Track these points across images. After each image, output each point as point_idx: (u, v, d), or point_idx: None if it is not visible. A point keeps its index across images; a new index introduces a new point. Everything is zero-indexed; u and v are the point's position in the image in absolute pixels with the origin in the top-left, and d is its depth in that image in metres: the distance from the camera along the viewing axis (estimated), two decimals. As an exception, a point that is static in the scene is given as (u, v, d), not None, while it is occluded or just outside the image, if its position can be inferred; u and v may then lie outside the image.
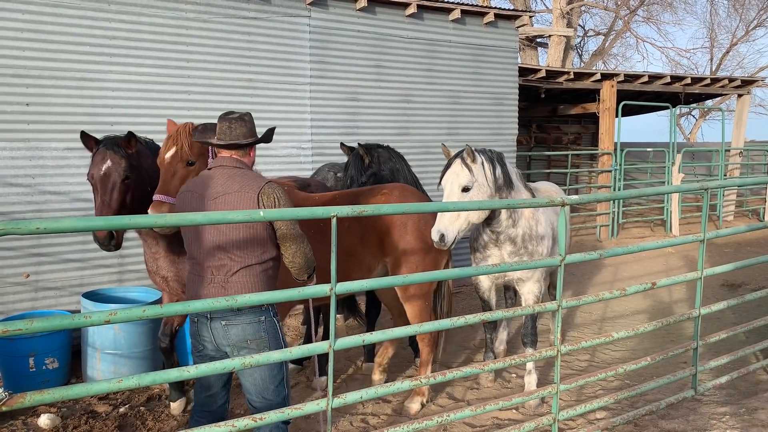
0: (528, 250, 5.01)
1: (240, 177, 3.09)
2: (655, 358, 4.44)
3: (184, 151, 3.84)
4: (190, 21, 6.52)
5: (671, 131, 13.59)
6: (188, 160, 3.86)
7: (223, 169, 3.14)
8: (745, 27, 29.32)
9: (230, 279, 3.00)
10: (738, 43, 30.13)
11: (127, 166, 4.09)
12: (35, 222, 2.22)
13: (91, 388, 2.39)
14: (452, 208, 3.68)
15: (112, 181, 4.06)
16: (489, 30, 8.72)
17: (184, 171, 3.85)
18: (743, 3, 27.31)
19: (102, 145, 4.19)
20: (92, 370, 5.35)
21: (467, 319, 3.47)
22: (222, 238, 2.99)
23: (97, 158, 4.14)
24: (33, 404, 2.29)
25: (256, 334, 3.02)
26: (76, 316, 2.36)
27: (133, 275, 6.26)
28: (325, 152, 7.40)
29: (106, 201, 4.03)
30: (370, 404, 4.95)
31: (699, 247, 4.64)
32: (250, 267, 3.02)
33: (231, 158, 3.19)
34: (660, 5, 24.75)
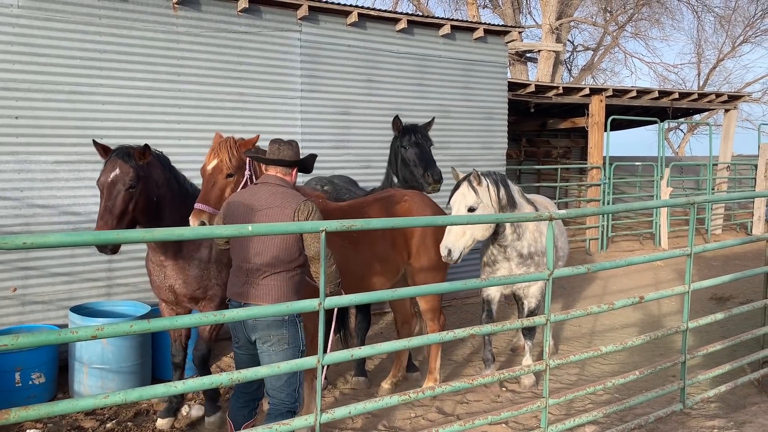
0: (534, 261, 5.41)
1: (282, 194, 3.56)
2: (644, 371, 4.46)
3: (225, 164, 4.04)
4: (181, 35, 6.54)
5: (659, 145, 13.71)
6: (228, 173, 4.07)
7: (268, 186, 3.61)
8: (732, 43, 29.72)
9: (261, 282, 3.46)
10: (725, 59, 30.51)
11: (134, 176, 4.17)
12: (22, 237, 2.21)
13: (77, 404, 2.37)
14: (440, 223, 3.69)
15: (117, 189, 4.13)
16: (479, 45, 8.80)
17: (224, 182, 4.06)
18: (729, 19, 27.70)
19: (114, 153, 4.25)
20: (79, 385, 5.30)
21: (456, 333, 3.48)
22: (260, 246, 3.45)
23: (108, 166, 4.22)
24: (18, 420, 2.27)
25: (279, 330, 3.43)
26: (63, 331, 2.35)
27: (122, 289, 6.23)
28: (316, 165, 7.36)
29: (109, 207, 4.09)
30: (360, 418, 4.93)
31: (686, 261, 4.68)
32: (279, 273, 3.48)
33: (276, 176, 3.67)
34: (648, 21, 25.05)
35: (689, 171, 16.93)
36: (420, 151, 5.52)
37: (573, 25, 23.61)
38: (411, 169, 5.55)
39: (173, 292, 4.65)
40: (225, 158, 4.03)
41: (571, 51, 26.61)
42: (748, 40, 29.84)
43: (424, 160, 5.50)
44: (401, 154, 5.60)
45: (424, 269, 5.12)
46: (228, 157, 4.04)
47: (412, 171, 5.54)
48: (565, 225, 13.91)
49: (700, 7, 26.11)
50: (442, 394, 5.30)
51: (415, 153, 5.52)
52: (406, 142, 5.57)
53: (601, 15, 24.32)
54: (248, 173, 4.10)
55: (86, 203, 6.04)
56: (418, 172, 5.48)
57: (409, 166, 5.58)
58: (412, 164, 5.54)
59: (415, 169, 5.51)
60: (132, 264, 6.18)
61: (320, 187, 5.91)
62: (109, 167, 4.20)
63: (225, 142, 4.11)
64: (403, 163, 5.62)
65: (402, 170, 5.63)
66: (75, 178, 6.01)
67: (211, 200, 3.97)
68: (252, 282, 3.48)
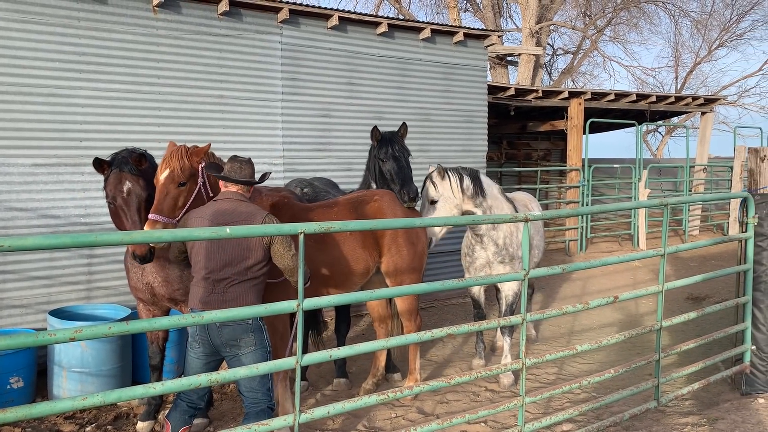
0: (509, 252, 5.77)
1: (245, 208, 3.75)
2: (618, 370, 4.54)
3: (177, 173, 4.06)
4: (161, 38, 6.54)
5: (638, 148, 13.91)
6: (180, 182, 4.08)
7: (231, 202, 3.77)
8: (708, 47, 30.21)
9: (228, 290, 3.61)
10: (701, 63, 31.00)
11: (146, 184, 4.28)
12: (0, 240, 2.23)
13: (55, 406, 2.38)
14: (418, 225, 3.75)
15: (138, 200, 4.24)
16: (459, 49, 8.88)
17: (176, 191, 4.08)
18: (705, 24, 28.15)
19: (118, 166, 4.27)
20: (58, 389, 5.27)
21: (434, 333, 3.53)
22: (225, 256, 3.60)
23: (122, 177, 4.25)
24: (-5, 423, 2.28)
25: (244, 334, 3.56)
26: (41, 334, 2.36)
27: (102, 292, 6.20)
28: (297, 168, 7.45)
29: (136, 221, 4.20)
30: (340, 419, 4.97)
31: (668, 260, 4.77)
32: (245, 281, 3.63)
33: (237, 192, 3.85)
34: (626, 25, 25.39)
35: (667, 173, 17.18)
36: (398, 166, 5.53)
37: (553, 29, 23.85)
38: (388, 183, 5.59)
39: (151, 291, 4.62)
40: (176, 167, 4.05)
41: (551, 54, 26.87)
42: (724, 44, 30.37)
43: (401, 176, 5.51)
44: (379, 165, 5.62)
45: (399, 269, 5.15)
46: (179, 166, 4.06)
47: (389, 185, 5.57)
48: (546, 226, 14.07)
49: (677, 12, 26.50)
50: (422, 394, 5.36)
51: (392, 168, 5.52)
52: (383, 154, 5.57)
53: (580, 19, 24.61)
54: (201, 181, 4.16)
55: (65, 206, 6.01)
56: (395, 188, 5.50)
57: (386, 179, 5.61)
58: (389, 178, 5.57)
59: (393, 184, 5.54)
60: (112, 267, 6.17)
61: (300, 189, 5.94)
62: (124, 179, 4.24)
63: (176, 151, 4.13)
64: (380, 174, 5.65)
65: (380, 180, 5.68)
66: (54, 181, 5.98)
67: (165, 210, 4.00)
68: (218, 291, 3.62)
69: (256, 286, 3.72)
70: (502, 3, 21.90)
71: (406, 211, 5.27)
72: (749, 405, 4.94)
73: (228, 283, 3.61)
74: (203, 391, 3.77)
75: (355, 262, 4.90)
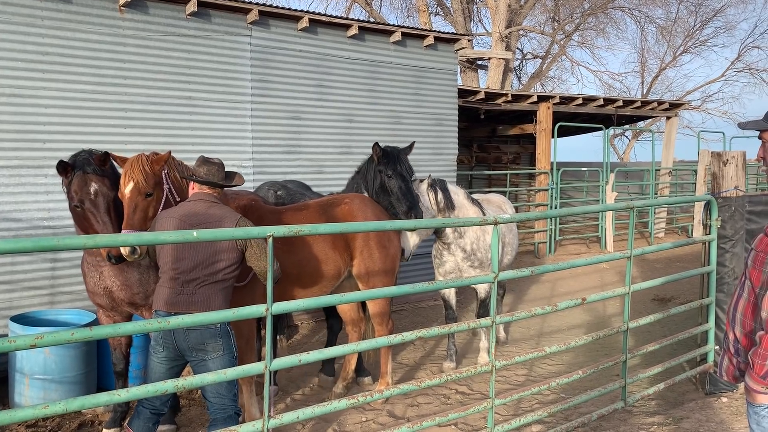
0: (478, 257, 6.01)
1: (219, 209, 3.69)
2: (586, 371, 4.59)
3: (141, 185, 3.96)
4: (128, 38, 6.43)
5: (605, 151, 14.13)
6: (146, 192, 3.99)
7: (203, 203, 3.70)
8: (673, 53, 30.90)
9: (197, 291, 3.53)
10: (666, 68, 31.71)
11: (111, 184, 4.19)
12: (-44, 244, 2.16)
13: (15, 414, 2.31)
14: (389, 228, 3.74)
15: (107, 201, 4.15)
16: (429, 52, 8.92)
17: (145, 203, 3.98)
18: (670, 30, 28.78)
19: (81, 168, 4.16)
20: (20, 397, 5.14)
21: (404, 337, 3.52)
22: (197, 257, 3.52)
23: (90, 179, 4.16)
24: (-49, 433, 2.21)
25: (212, 338, 3.48)
26: (0, 341, 2.29)
27: (66, 297, 6.07)
28: (267, 170, 7.39)
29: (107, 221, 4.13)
30: (310, 424, 4.93)
31: (626, 263, 4.85)
32: (215, 283, 3.57)
33: (210, 194, 3.79)
34: (594, 30, 25.81)
35: (633, 176, 17.49)
36: (406, 187, 5.50)
37: (522, 34, 24.12)
38: (392, 201, 5.50)
39: (110, 296, 4.50)
40: (140, 179, 3.95)
41: (521, 59, 27.16)
42: (688, 51, 31.13)
43: (410, 198, 5.47)
44: (383, 180, 5.51)
45: (371, 272, 5.14)
46: (143, 177, 3.97)
47: (393, 203, 5.49)
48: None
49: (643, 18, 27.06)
50: (393, 397, 5.35)
51: (399, 187, 5.46)
52: (391, 170, 5.47)
53: (549, 24, 24.94)
54: (167, 188, 4.09)
55: (27, 209, 5.87)
56: (400, 207, 5.44)
57: (390, 196, 5.51)
58: (394, 197, 5.47)
59: (398, 203, 5.46)
60: (76, 271, 6.01)
61: (273, 191, 5.90)
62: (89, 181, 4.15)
63: (136, 161, 4.01)
64: (382, 189, 5.53)
65: (380, 195, 5.55)
66: (15, 184, 5.83)
67: (136, 224, 3.92)
68: (186, 292, 3.54)
69: (225, 289, 3.67)
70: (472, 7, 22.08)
71: (377, 214, 5.25)
72: (713, 404, 5.04)
73: (197, 284, 3.54)
74: (167, 397, 3.68)
75: (325, 265, 4.88)
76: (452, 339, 6.35)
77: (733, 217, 5.24)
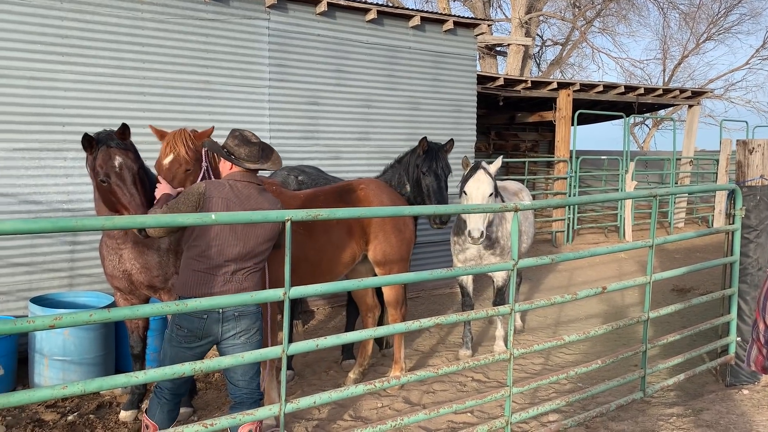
0: (500, 244, 5.94)
1: (266, 197, 3.59)
2: (605, 360, 4.54)
3: (183, 158, 3.91)
4: (146, 21, 6.41)
5: (625, 140, 13.94)
6: (186, 167, 3.94)
7: (253, 187, 3.56)
8: (696, 40, 30.36)
9: (247, 278, 3.48)
10: (689, 56, 31.18)
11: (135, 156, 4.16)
12: (-24, 224, 2.16)
13: (35, 394, 2.32)
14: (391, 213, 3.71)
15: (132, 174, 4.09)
16: (448, 37, 8.81)
17: (182, 176, 3.93)
18: (694, 17, 28.27)
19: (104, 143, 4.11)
20: (39, 378, 5.19)
21: (422, 323, 3.49)
22: (248, 246, 3.43)
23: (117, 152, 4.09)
24: (-29, 412, 2.22)
25: (256, 323, 3.50)
26: (19, 321, 2.29)
27: (85, 279, 6.11)
28: (285, 155, 7.34)
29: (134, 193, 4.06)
30: (327, 409, 4.94)
31: (648, 253, 4.77)
32: (258, 272, 3.56)
33: (253, 175, 3.62)
34: (615, 17, 25.41)
35: (653, 165, 17.26)
36: (437, 186, 5.64)
37: (542, 20, 23.83)
38: (423, 197, 5.72)
39: (129, 279, 4.50)
40: (182, 152, 3.88)
41: (540, 45, 26.86)
42: (712, 38, 30.55)
43: (439, 198, 5.63)
44: (419, 175, 5.70)
45: (387, 257, 5.13)
46: (185, 150, 3.89)
47: (424, 200, 5.70)
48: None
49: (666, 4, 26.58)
50: (408, 384, 5.34)
51: (432, 185, 5.64)
52: (426, 167, 5.65)
53: (569, 10, 24.59)
54: (205, 165, 3.98)
55: (47, 192, 5.90)
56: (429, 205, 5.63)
57: (422, 192, 5.72)
58: (425, 194, 5.69)
59: (427, 200, 5.67)
60: (95, 254, 6.05)
61: (294, 177, 5.90)
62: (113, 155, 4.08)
63: (180, 134, 3.94)
64: (417, 184, 5.75)
65: (414, 188, 5.77)
66: (35, 166, 5.86)
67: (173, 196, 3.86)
68: (235, 280, 3.44)
69: (262, 274, 3.68)
70: (492, -7, 21.83)
71: (393, 199, 5.23)
72: (734, 396, 4.97)
73: (247, 272, 3.48)
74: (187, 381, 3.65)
75: (341, 250, 4.88)
76: (468, 326, 6.32)
77: (758, 207, 5.12)
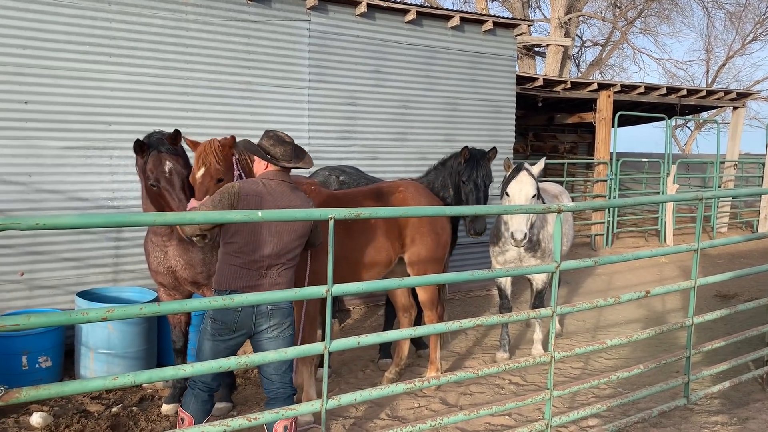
0: (541, 246, 5.89)
1: (298, 196, 3.71)
2: (648, 366, 4.47)
3: (214, 169, 3.97)
4: (190, 23, 6.54)
5: (667, 142, 13.66)
6: (218, 178, 3.99)
7: (286, 186, 3.67)
8: (741, 40, 29.54)
9: (281, 273, 3.59)
10: (734, 56, 30.35)
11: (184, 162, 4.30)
12: (35, 218, 2.23)
13: (87, 384, 2.39)
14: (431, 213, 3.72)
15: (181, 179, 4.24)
16: (488, 38, 8.77)
17: (215, 188, 3.96)
18: (740, 16, 27.53)
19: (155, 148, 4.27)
20: (85, 370, 5.34)
21: (462, 324, 3.49)
22: (282, 241, 3.54)
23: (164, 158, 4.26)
24: (29, 400, 2.29)
25: (289, 317, 3.60)
26: (73, 313, 2.37)
27: (129, 275, 6.25)
28: (323, 156, 7.42)
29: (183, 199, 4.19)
30: (363, 407, 4.96)
31: (693, 257, 4.67)
32: (291, 268, 3.67)
33: (286, 174, 3.74)
34: (657, 17, 24.92)
35: (696, 168, 16.87)
36: (475, 197, 5.64)
37: (582, 20, 23.51)
38: (461, 202, 5.74)
39: (173, 275, 4.61)
40: (213, 163, 3.95)
41: (580, 46, 26.50)
42: (758, 38, 29.67)
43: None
44: (460, 181, 5.72)
45: (422, 259, 5.13)
46: (215, 160, 3.96)
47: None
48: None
49: (711, 4, 25.95)
50: (445, 385, 5.33)
51: (471, 195, 5.65)
52: (467, 176, 5.65)
53: (610, 10, 24.21)
54: (237, 173, 4.04)
55: (93, 189, 6.06)
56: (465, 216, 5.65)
57: (461, 200, 5.74)
58: (464, 202, 5.71)
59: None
60: (139, 250, 6.19)
61: (335, 177, 5.95)
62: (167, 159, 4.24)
63: (210, 146, 4.00)
64: (457, 190, 5.77)
65: (455, 193, 5.80)
66: (83, 164, 6.03)
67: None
68: (270, 275, 3.56)
69: (295, 269, 3.75)
70: (531, -7, 21.63)
71: (431, 203, 5.24)
72: (781, 405, 4.83)
73: (282, 267, 3.59)
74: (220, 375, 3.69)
75: (379, 251, 4.92)
76: (506, 329, 6.27)
77: (809, 211, 4.97)
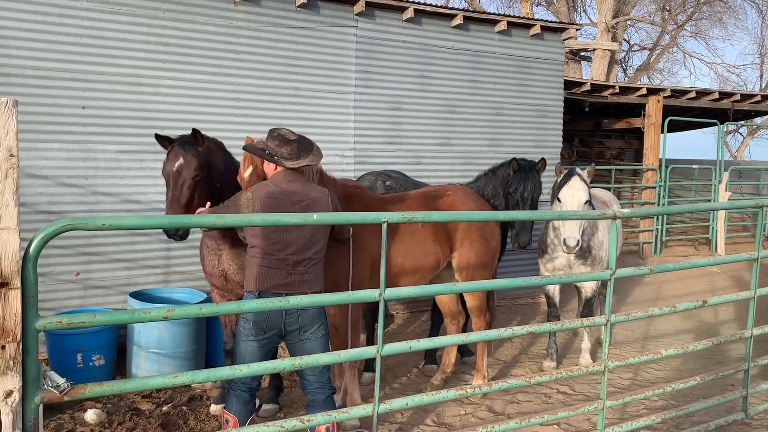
0: (591, 254, 5.80)
1: (312, 188, 3.78)
2: (705, 378, 4.33)
3: (259, 170, 4.13)
4: (241, 29, 6.65)
5: (718, 148, 13.28)
6: (263, 177, 4.12)
7: (298, 182, 3.74)
8: (797, 43, 28.58)
9: (308, 270, 3.64)
10: (789, 60, 29.35)
11: (198, 165, 4.33)
12: (101, 219, 2.29)
13: (148, 382, 2.44)
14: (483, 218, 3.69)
15: (182, 178, 4.30)
16: (535, 42, 8.68)
17: None
18: (795, 19, 26.64)
19: (176, 143, 4.43)
20: (137, 369, 5.45)
21: (515, 331, 3.45)
22: (304, 237, 3.61)
23: (171, 156, 4.39)
24: (93, 395, 2.36)
25: (321, 316, 3.64)
26: (136, 312, 2.42)
27: (179, 276, 6.38)
28: (368, 161, 7.45)
29: (176, 196, 4.26)
30: (409, 413, 4.94)
31: (752, 266, 4.53)
32: (319, 262, 3.71)
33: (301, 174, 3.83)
34: (709, 20, 24.30)
35: (748, 176, 16.35)
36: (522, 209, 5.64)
37: (629, 24, 23.08)
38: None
39: (225, 278, 4.72)
40: (259, 164, 4.12)
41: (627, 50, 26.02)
42: (815, 41, 28.65)
43: (522, 222, 5.64)
44: (508, 192, 5.72)
45: (471, 265, 5.08)
46: (261, 162, 4.12)
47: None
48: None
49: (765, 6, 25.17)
50: (491, 393, 5.27)
51: (517, 207, 5.66)
52: (513, 187, 5.66)
53: (659, 14, 23.71)
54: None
55: (147, 192, 6.21)
56: (511, 229, 5.70)
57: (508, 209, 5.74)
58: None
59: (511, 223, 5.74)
60: (189, 252, 6.33)
61: (382, 181, 5.97)
62: (173, 157, 4.36)
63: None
64: (506, 198, 5.77)
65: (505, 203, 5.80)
66: (137, 168, 6.18)
67: None
68: (298, 272, 3.61)
69: (322, 266, 3.78)
70: (576, -3, 21.35)
71: (479, 207, 5.18)
72: None
73: (309, 263, 3.63)
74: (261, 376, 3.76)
75: (427, 256, 4.89)
76: (554, 337, 6.17)
77: None
